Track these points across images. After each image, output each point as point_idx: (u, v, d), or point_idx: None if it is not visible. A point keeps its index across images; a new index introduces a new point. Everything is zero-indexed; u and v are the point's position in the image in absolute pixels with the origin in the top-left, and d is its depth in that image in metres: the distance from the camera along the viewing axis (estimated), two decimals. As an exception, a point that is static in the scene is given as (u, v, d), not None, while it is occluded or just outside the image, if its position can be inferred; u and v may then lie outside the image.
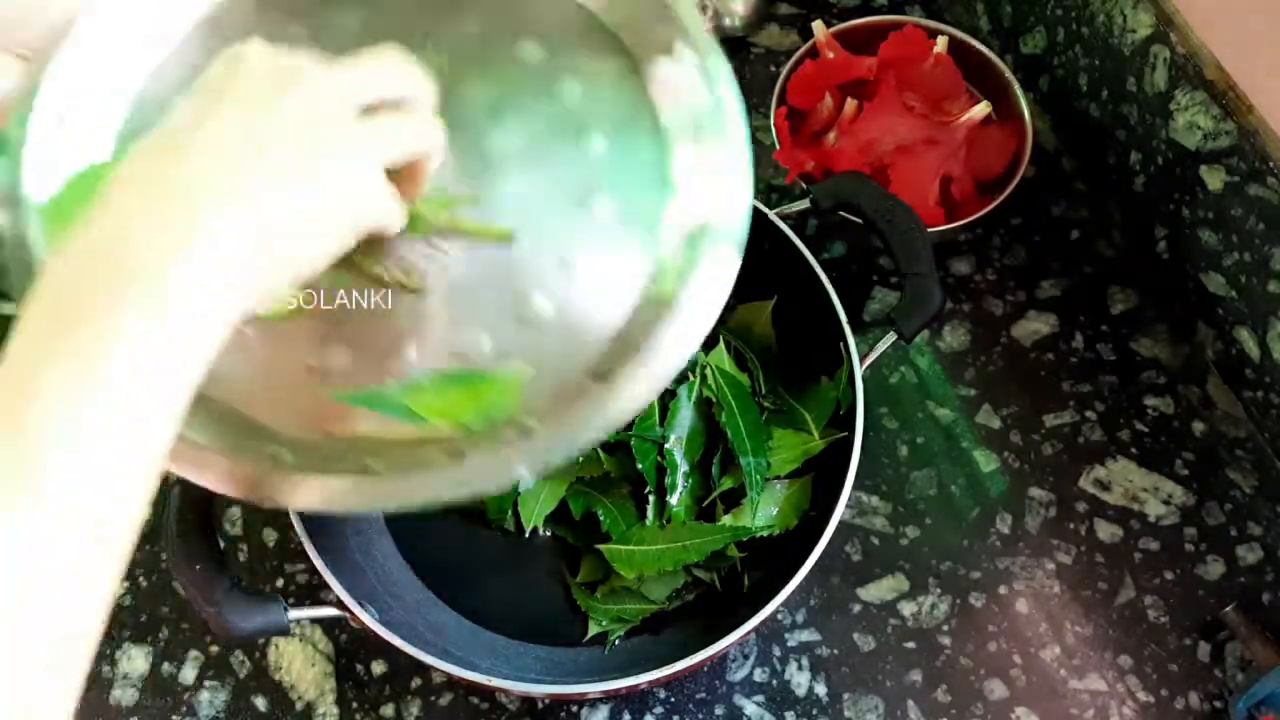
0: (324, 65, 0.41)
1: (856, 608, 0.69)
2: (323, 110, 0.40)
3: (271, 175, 0.38)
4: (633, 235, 0.46)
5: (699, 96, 0.46)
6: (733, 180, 0.45)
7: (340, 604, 0.57)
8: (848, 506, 0.62)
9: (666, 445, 0.65)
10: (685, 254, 0.45)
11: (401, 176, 0.43)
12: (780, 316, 0.69)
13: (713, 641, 0.56)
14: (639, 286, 0.45)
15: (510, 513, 0.68)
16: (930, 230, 0.64)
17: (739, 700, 0.67)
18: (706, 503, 0.65)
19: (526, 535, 0.67)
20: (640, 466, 0.65)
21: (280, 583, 0.70)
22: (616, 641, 0.66)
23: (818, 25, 0.79)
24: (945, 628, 0.68)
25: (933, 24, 0.79)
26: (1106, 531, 0.70)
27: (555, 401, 0.43)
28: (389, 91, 0.42)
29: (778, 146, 0.76)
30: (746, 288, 0.69)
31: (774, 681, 0.67)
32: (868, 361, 0.62)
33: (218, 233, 0.36)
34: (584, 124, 0.47)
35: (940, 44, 0.78)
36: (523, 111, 0.47)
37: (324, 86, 0.40)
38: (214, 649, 0.69)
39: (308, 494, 0.43)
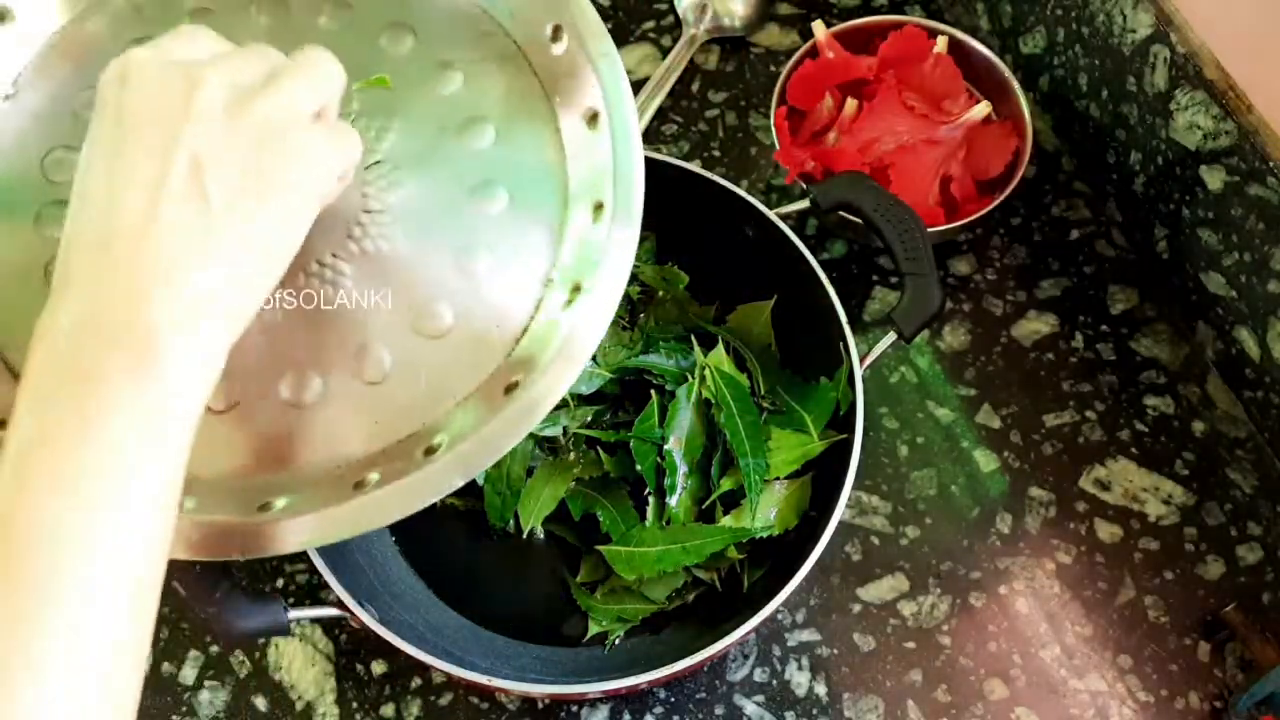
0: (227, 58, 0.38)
1: (856, 608, 0.69)
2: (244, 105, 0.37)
3: (231, 231, 0.36)
4: (529, 229, 0.47)
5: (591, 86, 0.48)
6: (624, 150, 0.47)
7: (340, 604, 0.57)
8: (848, 506, 0.62)
9: (666, 446, 0.65)
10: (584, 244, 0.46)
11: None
12: (780, 316, 0.69)
13: (713, 641, 0.56)
14: (541, 278, 0.46)
15: (511, 517, 0.68)
16: (930, 230, 0.64)
17: (739, 700, 0.67)
18: (706, 504, 0.65)
19: (526, 536, 0.67)
20: (640, 468, 0.65)
21: (280, 583, 0.70)
22: (616, 641, 0.66)
23: (818, 25, 0.79)
24: (945, 628, 0.68)
25: (933, 24, 0.79)
26: (1106, 531, 0.70)
27: (476, 410, 0.45)
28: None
29: (778, 146, 0.76)
30: (746, 288, 0.70)
31: (774, 681, 0.67)
32: (868, 361, 0.62)
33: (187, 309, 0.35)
34: (476, 112, 0.48)
35: (940, 44, 0.78)
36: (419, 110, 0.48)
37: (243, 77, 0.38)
38: (214, 649, 0.69)
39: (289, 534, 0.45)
